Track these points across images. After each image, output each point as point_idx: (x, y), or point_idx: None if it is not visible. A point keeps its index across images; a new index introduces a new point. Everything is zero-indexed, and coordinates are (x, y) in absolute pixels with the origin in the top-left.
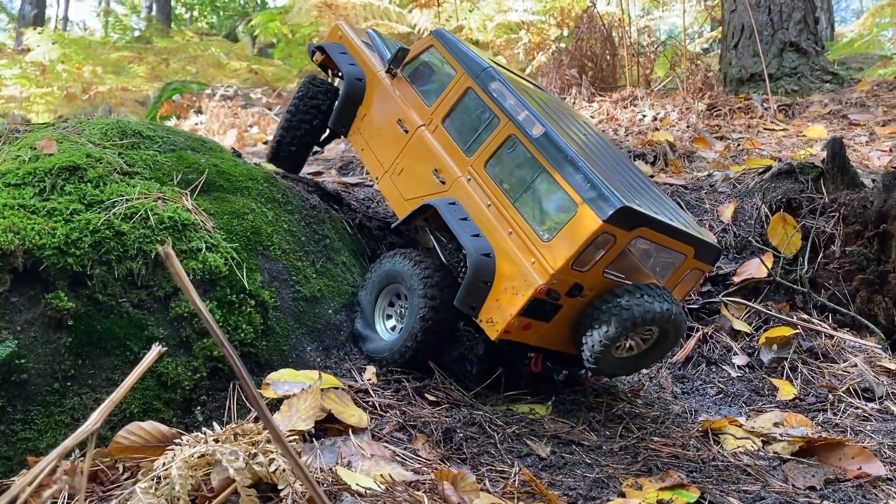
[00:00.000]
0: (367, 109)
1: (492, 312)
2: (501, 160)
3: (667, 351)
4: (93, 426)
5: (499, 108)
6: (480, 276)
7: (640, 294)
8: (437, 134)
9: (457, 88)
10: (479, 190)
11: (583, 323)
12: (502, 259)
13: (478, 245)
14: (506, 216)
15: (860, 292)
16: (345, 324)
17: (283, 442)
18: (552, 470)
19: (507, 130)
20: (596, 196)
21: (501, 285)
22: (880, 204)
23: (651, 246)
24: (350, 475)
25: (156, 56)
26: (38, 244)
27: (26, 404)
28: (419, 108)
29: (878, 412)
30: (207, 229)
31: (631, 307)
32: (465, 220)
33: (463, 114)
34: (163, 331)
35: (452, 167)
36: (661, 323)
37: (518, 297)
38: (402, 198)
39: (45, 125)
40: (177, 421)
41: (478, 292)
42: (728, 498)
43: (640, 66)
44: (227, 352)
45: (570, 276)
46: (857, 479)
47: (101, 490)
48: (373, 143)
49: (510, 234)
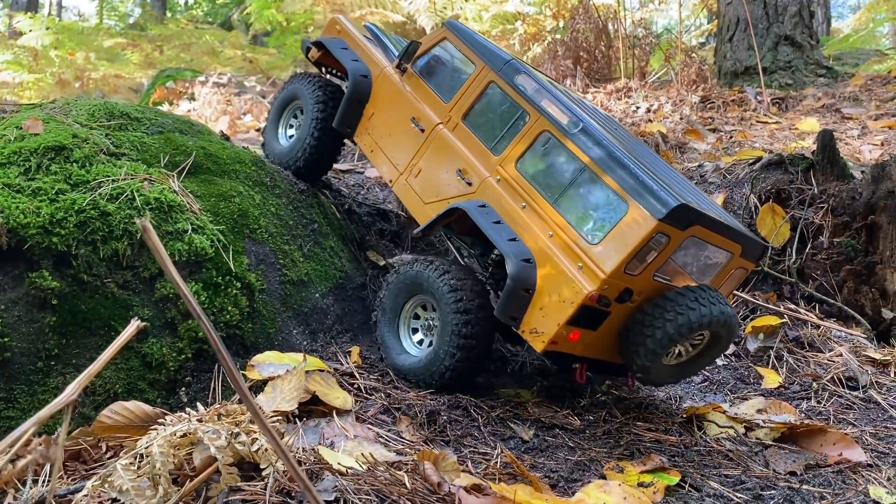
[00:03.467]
0: (374, 108)
1: (536, 322)
2: (535, 158)
3: (717, 356)
4: (69, 397)
5: (528, 103)
6: (522, 283)
7: (694, 297)
8: (458, 132)
9: (477, 83)
10: (511, 191)
11: (632, 330)
12: (544, 264)
13: (517, 250)
14: (545, 218)
15: (847, 283)
16: (331, 308)
17: (259, 416)
18: (535, 452)
19: (539, 126)
20: (647, 193)
21: (545, 292)
22: (868, 195)
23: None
24: (332, 455)
25: (150, 43)
26: (22, 223)
27: (10, 383)
28: (435, 105)
29: (862, 400)
30: (194, 211)
31: (686, 312)
32: (498, 224)
33: (486, 110)
34: (148, 311)
35: (479, 167)
36: (715, 327)
37: (566, 305)
38: (422, 202)
39: (31, 106)
40: (161, 402)
41: (519, 301)
42: (708, 482)
43: (636, 58)
44: (196, 314)
45: (620, 281)
46: (838, 464)
47: (83, 469)
48: (384, 144)
49: (551, 237)
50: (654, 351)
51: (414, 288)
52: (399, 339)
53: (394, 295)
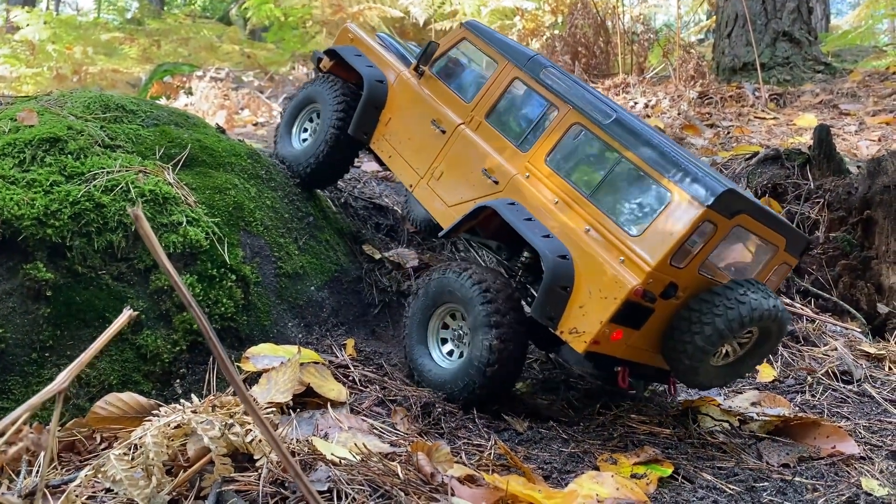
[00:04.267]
0: (391, 113)
1: (576, 322)
2: (566, 151)
3: (766, 354)
4: (60, 385)
5: (556, 96)
6: (559, 281)
7: (743, 291)
8: (481, 131)
9: (500, 80)
10: (541, 187)
11: (678, 328)
12: (582, 260)
13: (552, 247)
14: (580, 212)
15: (843, 278)
16: (327, 301)
17: (251, 405)
18: (528, 444)
19: (570, 119)
20: (692, 180)
21: (584, 290)
22: (865, 190)
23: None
24: (326, 446)
25: (147, 38)
26: (16, 214)
27: (4, 374)
28: (456, 106)
29: (856, 394)
30: (189, 203)
31: (735, 306)
32: (530, 221)
33: (511, 107)
34: (142, 303)
35: (506, 165)
36: (767, 322)
37: (608, 301)
38: (446, 204)
39: (27, 98)
40: (156, 393)
41: (557, 300)
42: (701, 474)
43: (634, 53)
44: (188, 302)
45: (666, 275)
46: (831, 456)
47: (78, 459)
48: (403, 149)
49: (588, 232)
50: (703, 349)
51: (444, 296)
52: (428, 349)
53: (422, 303)
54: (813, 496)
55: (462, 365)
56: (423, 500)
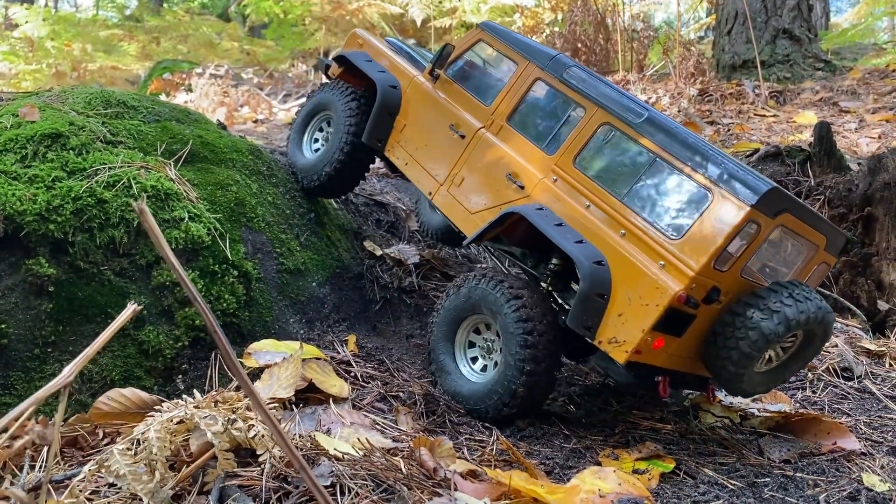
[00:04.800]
0: (406, 119)
1: (615, 331)
2: (595, 153)
3: (811, 358)
4: (66, 379)
5: (583, 97)
6: (596, 288)
7: (788, 293)
8: (503, 135)
9: (521, 81)
10: (571, 190)
11: (721, 334)
12: (618, 266)
13: (587, 253)
14: (614, 216)
15: (843, 275)
16: (328, 297)
17: (259, 401)
18: (530, 440)
19: (598, 119)
20: (733, 179)
21: (623, 297)
22: (865, 187)
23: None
24: (328, 441)
25: (146, 35)
26: (18, 210)
27: (6, 369)
28: (475, 110)
29: (857, 391)
30: (191, 199)
31: (781, 309)
32: (561, 226)
33: (534, 108)
34: (144, 299)
35: (531, 169)
36: (812, 325)
37: (650, 308)
38: (469, 211)
39: (28, 94)
40: (158, 389)
41: (594, 308)
42: (703, 469)
43: (634, 51)
44: (192, 294)
45: (709, 279)
46: (832, 452)
47: (81, 455)
48: (420, 156)
49: (623, 236)
50: (748, 355)
51: (476, 307)
52: (456, 363)
53: (450, 314)
54: (814, 492)
55: (493, 383)
56: (426, 494)
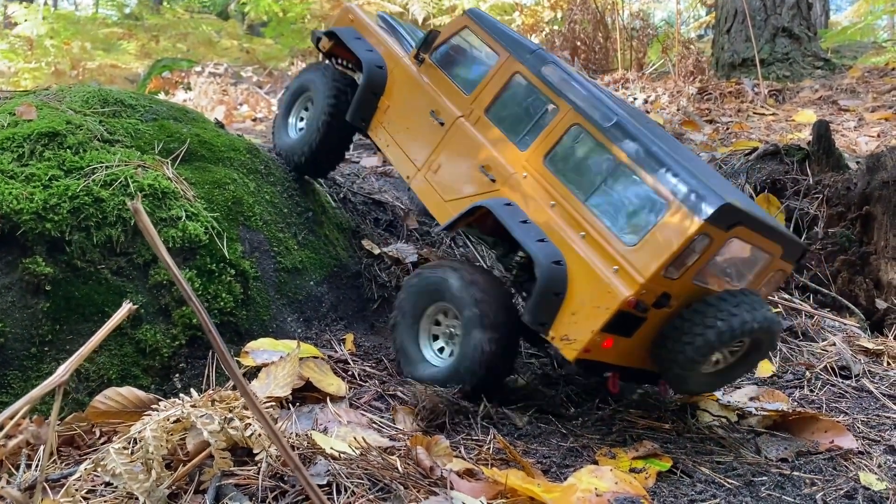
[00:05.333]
0: (390, 100)
1: (567, 329)
2: (564, 153)
3: (757, 363)
4: (60, 378)
5: (557, 95)
6: (552, 287)
7: (736, 303)
8: (480, 126)
9: (501, 74)
10: (538, 188)
11: (669, 337)
12: (575, 266)
13: (547, 251)
14: (576, 217)
15: (842, 273)
16: (326, 296)
17: (251, 398)
18: (527, 439)
19: (569, 119)
20: (689, 192)
21: (577, 297)
22: (863, 186)
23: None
24: (325, 440)
25: (146, 33)
26: (15, 209)
27: (3, 368)
28: (455, 98)
29: (854, 389)
30: (188, 198)
31: (727, 318)
32: (525, 224)
33: (511, 102)
34: (142, 298)
35: (504, 163)
36: (758, 334)
37: (600, 310)
38: (443, 199)
39: (25, 92)
40: (155, 388)
41: (550, 306)
42: (700, 468)
43: (633, 49)
44: (186, 294)
45: (659, 286)
46: (829, 451)
47: (77, 454)
48: (401, 139)
49: (583, 238)
50: (693, 360)
51: (435, 295)
52: (419, 346)
53: (413, 300)
54: (811, 490)
55: (453, 364)
56: (423, 493)
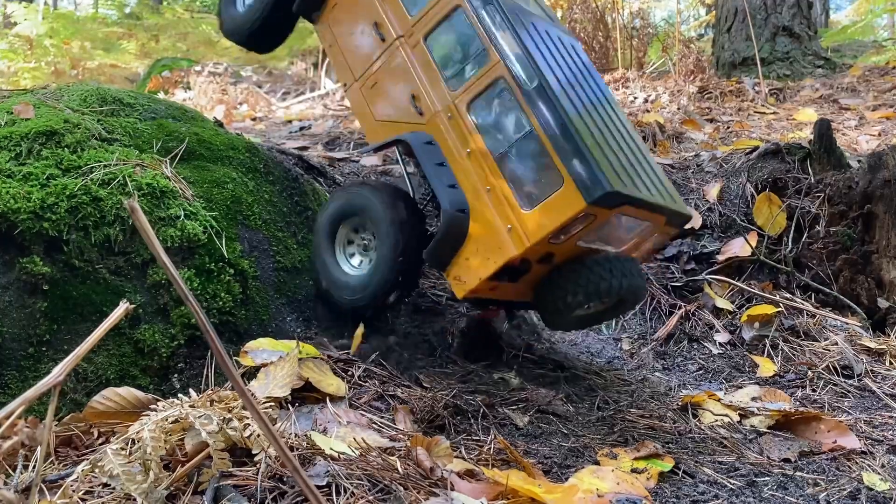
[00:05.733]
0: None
1: (461, 271)
2: (487, 104)
3: (622, 314)
4: (56, 378)
5: (490, 42)
6: (453, 234)
7: (609, 269)
8: (417, 52)
9: (443, 2)
10: (459, 133)
11: (546, 287)
12: (476, 216)
13: (453, 199)
14: (485, 170)
15: (843, 272)
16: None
17: (248, 398)
18: (528, 439)
19: (496, 71)
20: (583, 175)
21: (473, 245)
22: (865, 185)
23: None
24: (324, 440)
25: (146, 32)
26: (12, 208)
27: (0, 368)
28: (399, 15)
29: (857, 389)
30: (187, 197)
31: (597, 282)
32: (441, 167)
33: (449, 35)
34: (140, 297)
35: (432, 99)
36: (623, 296)
37: (489, 262)
38: (373, 117)
39: (23, 91)
40: (153, 388)
41: (448, 249)
42: (702, 468)
43: (633, 48)
44: (184, 295)
45: (543, 248)
46: (832, 451)
47: (75, 455)
48: (343, 42)
49: (488, 191)
50: (563, 311)
51: (346, 210)
52: (336, 261)
53: (327, 218)
54: (814, 491)
55: (372, 268)
56: (423, 494)
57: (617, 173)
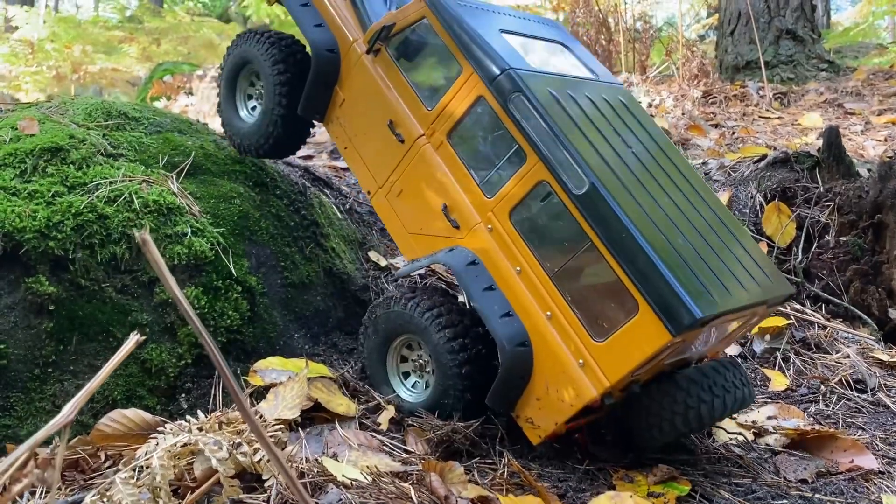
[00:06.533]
0: (345, 93)
1: (532, 412)
2: (531, 212)
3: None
4: (66, 418)
5: (525, 139)
6: (517, 372)
7: (708, 385)
8: (443, 153)
9: (465, 93)
10: (504, 247)
11: (635, 414)
12: (541, 348)
13: (511, 333)
14: (542, 292)
15: (854, 283)
16: (333, 310)
17: (264, 435)
18: (542, 461)
19: (537, 173)
20: (664, 301)
21: (542, 382)
22: (875, 194)
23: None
24: (336, 466)
25: (147, 36)
26: (18, 227)
27: (6, 390)
28: (416, 109)
29: (871, 404)
30: (193, 213)
31: (696, 405)
32: (491, 291)
33: (476, 131)
34: (147, 316)
35: (468, 208)
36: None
37: (566, 406)
38: (406, 230)
39: (28, 105)
40: (161, 408)
41: (513, 389)
42: (719, 491)
43: (636, 52)
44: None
45: (625, 381)
46: (849, 472)
47: (82, 478)
48: (359, 143)
49: (549, 318)
50: (655, 439)
51: (396, 329)
52: (392, 386)
53: (375, 342)
54: None
55: (435, 394)
56: None
57: (703, 284)
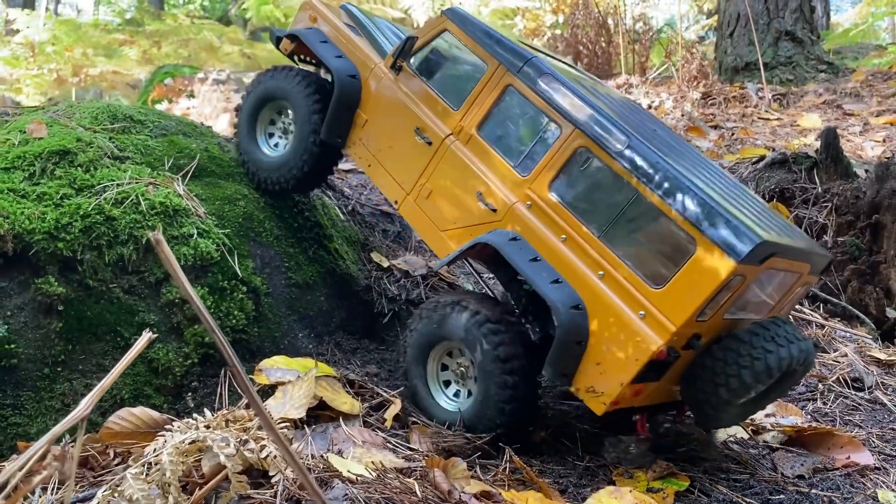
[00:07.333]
0: (367, 114)
1: (593, 380)
2: (572, 179)
3: (788, 390)
4: (83, 412)
5: (558, 113)
6: (574, 336)
7: (771, 336)
8: (473, 146)
9: (491, 86)
10: (546, 219)
11: (700, 377)
12: (596, 310)
13: (564, 296)
14: (591, 254)
15: (852, 282)
16: (336, 311)
17: (275, 429)
18: (543, 457)
19: (574, 141)
20: (721, 231)
21: (601, 344)
22: (873, 194)
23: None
24: (342, 462)
25: (147, 39)
26: (27, 229)
27: (16, 389)
28: (441, 113)
29: (868, 402)
30: (199, 215)
31: (763, 356)
32: (537, 262)
33: (506, 119)
34: (154, 316)
35: (504, 190)
36: (795, 366)
37: (630, 362)
38: (438, 228)
39: (34, 108)
40: (168, 407)
41: (572, 356)
42: (717, 486)
43: (636, 53)
44: (219, 341)
45: (690, 329)
46: (846, 468)
47: (91, 475)
48: (384, 158)
49: (602, 277)
50: (728, 401)
51: (437, 336)
52: (431, 393)
53: (415, 350)
54: None
55: (477, 406)
56: None
57: (753, 220)
